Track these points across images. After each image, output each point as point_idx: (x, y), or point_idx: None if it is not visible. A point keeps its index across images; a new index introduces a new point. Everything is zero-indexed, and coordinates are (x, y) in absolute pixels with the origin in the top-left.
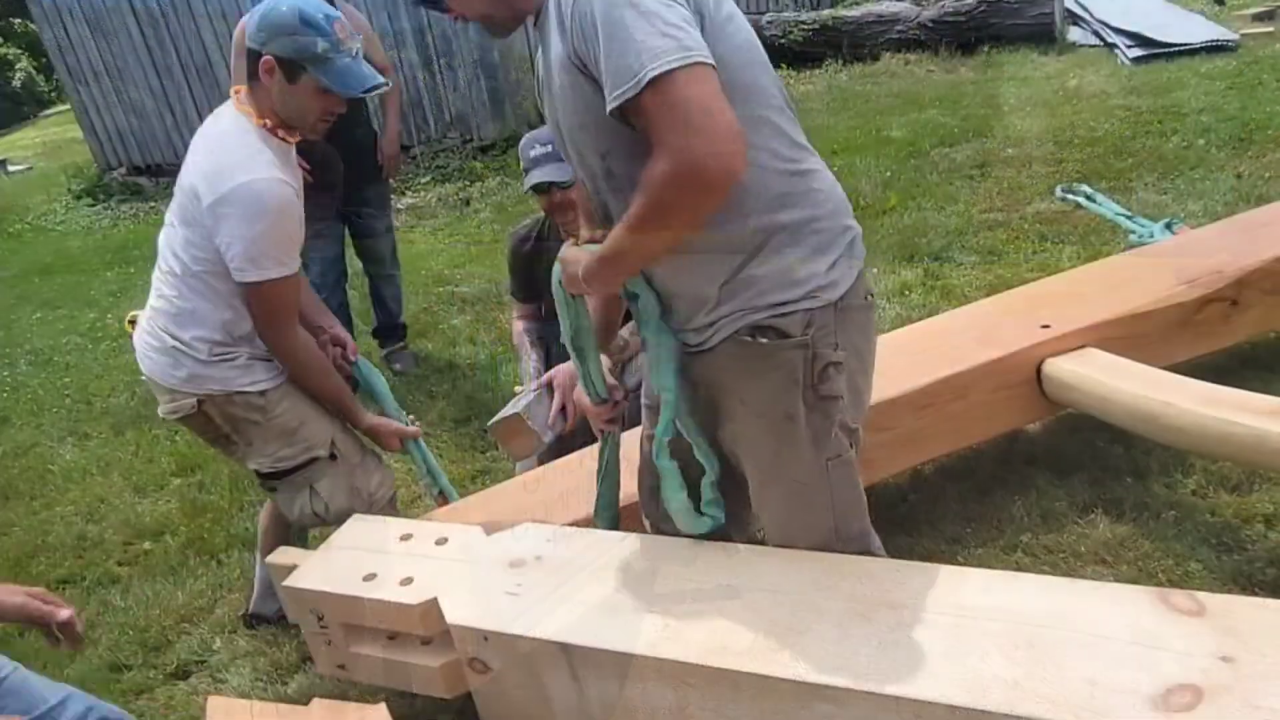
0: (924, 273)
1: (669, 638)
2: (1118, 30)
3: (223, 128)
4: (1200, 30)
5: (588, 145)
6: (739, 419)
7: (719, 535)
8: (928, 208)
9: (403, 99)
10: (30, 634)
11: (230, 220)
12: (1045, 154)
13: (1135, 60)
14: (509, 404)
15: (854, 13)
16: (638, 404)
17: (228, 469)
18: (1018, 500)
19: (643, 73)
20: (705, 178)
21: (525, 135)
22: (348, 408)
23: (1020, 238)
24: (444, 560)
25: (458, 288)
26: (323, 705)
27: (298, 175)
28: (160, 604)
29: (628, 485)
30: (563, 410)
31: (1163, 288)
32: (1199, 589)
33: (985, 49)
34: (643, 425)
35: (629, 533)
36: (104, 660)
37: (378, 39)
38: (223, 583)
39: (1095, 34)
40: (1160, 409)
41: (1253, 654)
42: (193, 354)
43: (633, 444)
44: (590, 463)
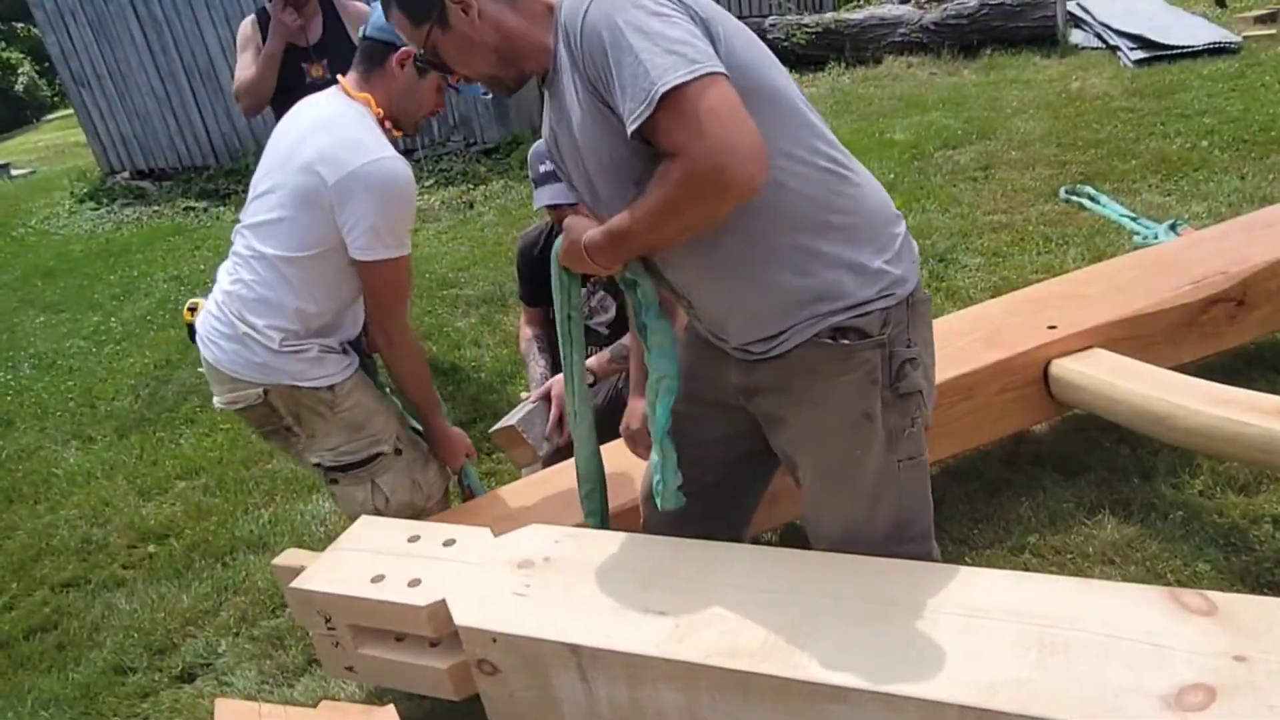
0: (929, 274)
1: (679, 639)
2: (1120, 33)
3: (337, 109)
4: (1202, 33)
5: (620, 178)
6: (808, 421)
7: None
8: (932, 209)
9: None
10: (34, 638)
11: (359, 197)
12: (1048, 156)
13: (1137, 62)
14: (511, 411)
15: (856, 16)
16: (612, 420)
17: (232, 472)
18: (1025, 501)
19: (653, 91)
20: (722, 179)
21: (535, 146)
22: (433, 402)
23: (1025, 239)
24: (452, 562)
25: (462, 290)
26: (330, 707)
27: None
28: (165, 607)
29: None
30: (560, 421)
31: (1168, 288)
32: (1208, 589)
33: (987, 52)
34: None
35: (637, 534)
36: (109, 663)
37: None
38: (228, 585)
39: (1097, 36)
40: (1168, 409)
41: (1266, 653)
42: (265, 342)
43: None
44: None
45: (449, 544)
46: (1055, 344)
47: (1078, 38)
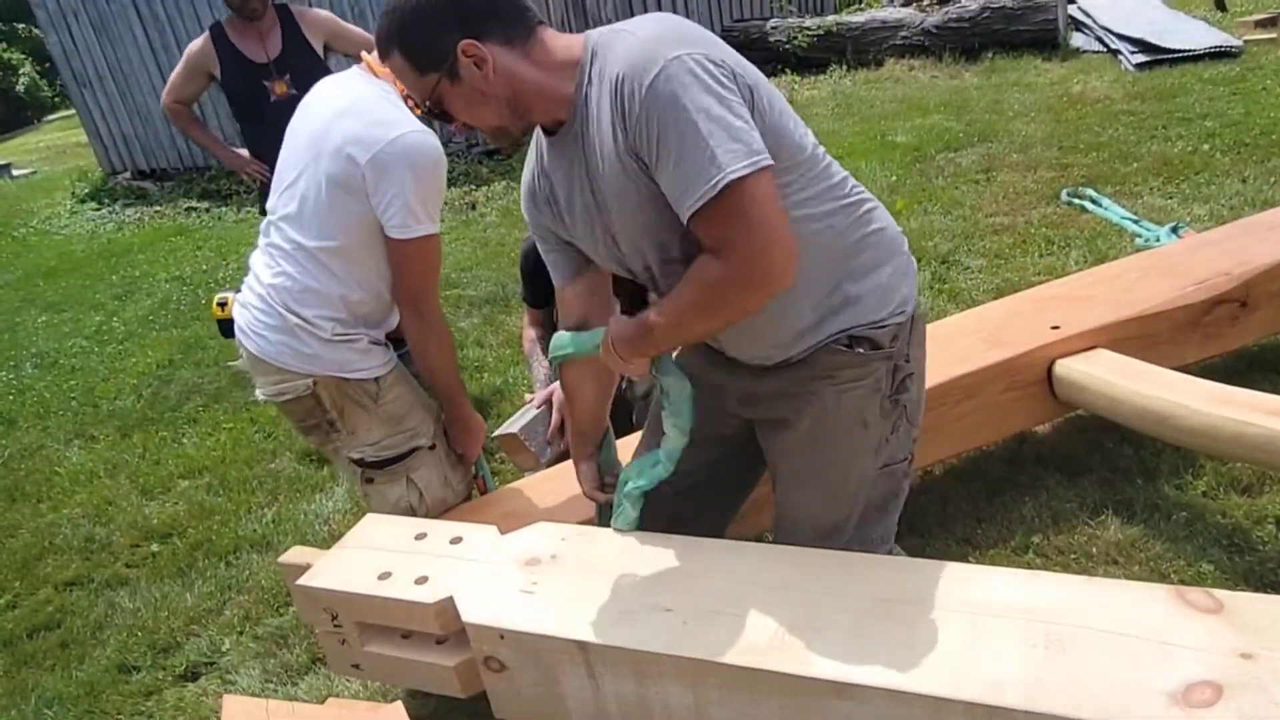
0: (931, 276)
1: (686, 636)
2: (1121, 36)
3: (359, 91)
4: (1203, 36)
5: (644, 236)
6: (813, 423)
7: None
8: (934, 212)
9: None
10: (38, 637)
11: (392, 173)
12: (1050, 158)
13: (1138, 66)
14: (515, 416)
15: (858, 19)
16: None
17: (235, 472)
18: (1028, 501)
19: (720, 178)
20: (765, 280)
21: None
22: (458, 388)
23: (1027, 241)
24: (459, 559)
25: (465, 291)
26: (337, 704)
27: None
28: (168, 606)
29: None
30: (560, 428)
31: (1172, 289)
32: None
33: (988, 55)
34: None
35: (645, 531)
36: (113, 662)
37: (346, 25)
38: (231, 584)
39: (1098, 40)
40: (1172, 410)
41: (1273, 651)
42: (317, 333)
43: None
44: None
45: (456, 541)
46: (1059, 344)
47: (1079, 41)
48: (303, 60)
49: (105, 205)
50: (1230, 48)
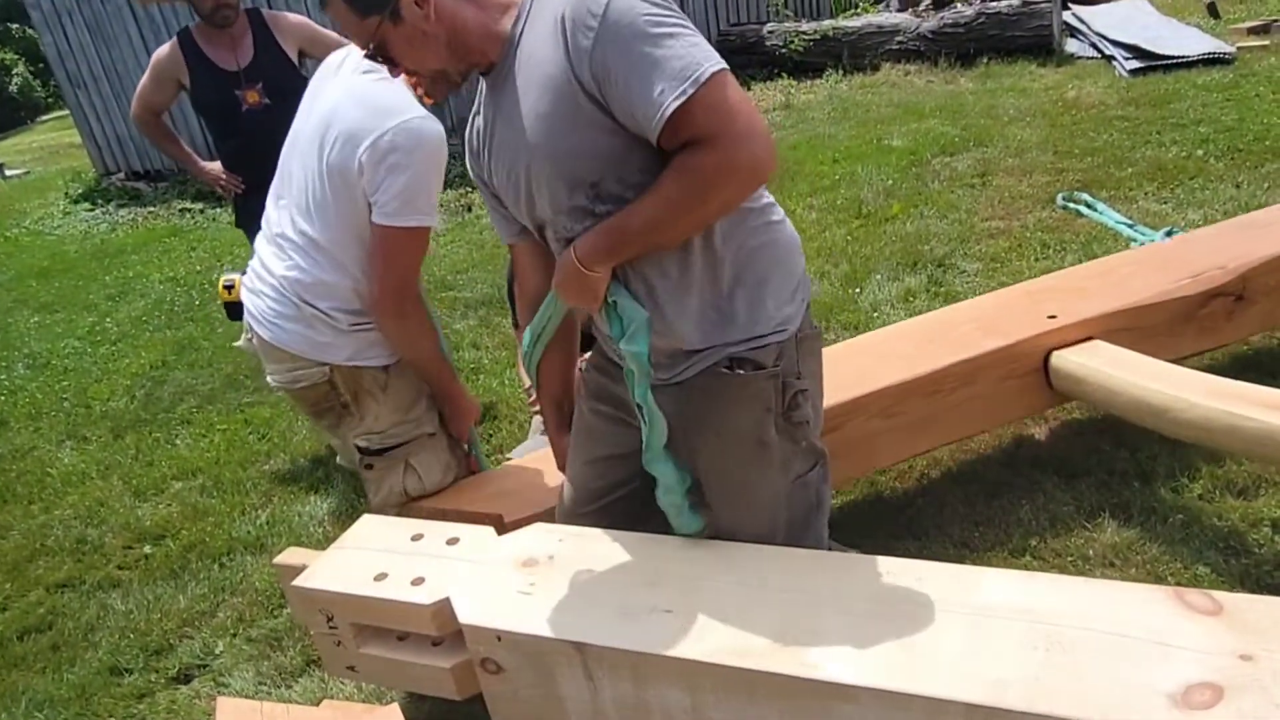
0: (927, 279)
1: (685, 637)
2: (1115, 42)
3: (365, 79)
4: (1197, 43)
5: (574, 175)
6: (711, 447)
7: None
8: (930, 216)
9: None
10: (29, 639)
11: (389, 159)
12: (1045, 163)
13: (1132, 72)
14: (523, 445)
15: (854, 23)
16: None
17: (229, 473)
18: (1025, 504)
19: (701, 70)
20: (752, 165)
21: None
22: (448, 373)
23: (1022, 245)
24: (456, 560)
25: (460, 293)
26: (333, 705)
27: None
28: (161, 608)
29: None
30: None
31: (1168, 281)
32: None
33: (984, 60)
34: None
35: (642, 533)
36: (104, 664)
37: (322, 30)
38: (225, 586)
39: (1093, 46)
40: (1169, 402)
41: (1272, 652)
42: (334, 324)
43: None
44: None
45: (452, 542)
46: (1055, 333)
47: (1073, 47)
48: (276, 67)
49: (99, 206)
50: (1223, 54)
